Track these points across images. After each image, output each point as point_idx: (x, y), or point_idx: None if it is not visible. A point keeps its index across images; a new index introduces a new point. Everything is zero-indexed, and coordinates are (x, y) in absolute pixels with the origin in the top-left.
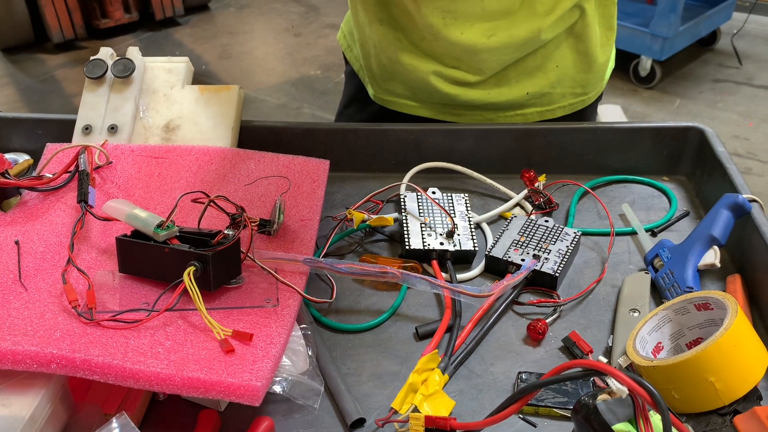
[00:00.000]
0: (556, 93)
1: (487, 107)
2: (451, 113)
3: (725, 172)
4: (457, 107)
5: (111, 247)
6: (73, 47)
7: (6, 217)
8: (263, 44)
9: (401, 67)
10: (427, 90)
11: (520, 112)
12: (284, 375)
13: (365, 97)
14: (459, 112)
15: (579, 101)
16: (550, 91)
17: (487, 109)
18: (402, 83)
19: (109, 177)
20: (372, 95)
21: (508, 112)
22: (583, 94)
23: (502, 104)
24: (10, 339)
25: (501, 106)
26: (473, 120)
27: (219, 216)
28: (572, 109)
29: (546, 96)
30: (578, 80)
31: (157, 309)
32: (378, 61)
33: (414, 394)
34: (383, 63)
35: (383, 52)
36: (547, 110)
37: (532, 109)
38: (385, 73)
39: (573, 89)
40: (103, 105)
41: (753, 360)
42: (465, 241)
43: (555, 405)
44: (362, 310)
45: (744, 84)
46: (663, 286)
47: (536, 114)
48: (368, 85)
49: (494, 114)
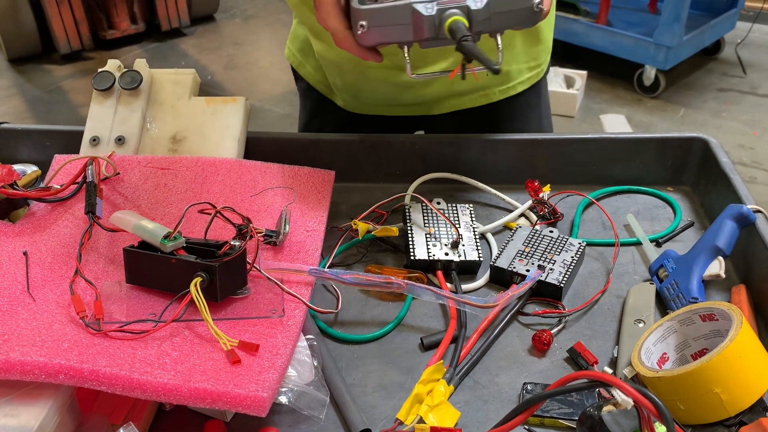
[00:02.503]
0: (513, 70)
1: (453, 94)
2: (421, 108)
3: (729, 182)
4: (425, 102)
5: (118, 257)
6: (80, 58)
7: (14, 228)
8: (269, 54)
9: (368, 82)
10: (396, 95)
11: (483, 93)
12: (290, 386)
13: (329, 108)
14: (428, 104)
15: (534, 74)
16: (507, 69)
17: (452, 97)
18: (371, 92)
19: (116, 188)
20: (342, 105)
21: (473, 95)
22: (536, 67)
23: (467, 90)
24: (19, 350)
25: (465, 92)
26: (442, 109)
27: (225, 227)
28: (530, 83)
29: (504, 75)
30: (530, 54)
31: (164, 320)
32: (342, 78)
33: (419, 405)
34: (348, 80)
35: (349, 72)
36: (509, 87)
37: (494, 88)
38: (351, 87)
39: (528, 63)
40: (111, 116)
41: (758, 371)
42: (470, 252)
43: (560, 416)
44: (367, 321)
45: (748, 93)
46: (668, 296)
47: (499, 92)
48: (335, 97)
49: (460, 99)
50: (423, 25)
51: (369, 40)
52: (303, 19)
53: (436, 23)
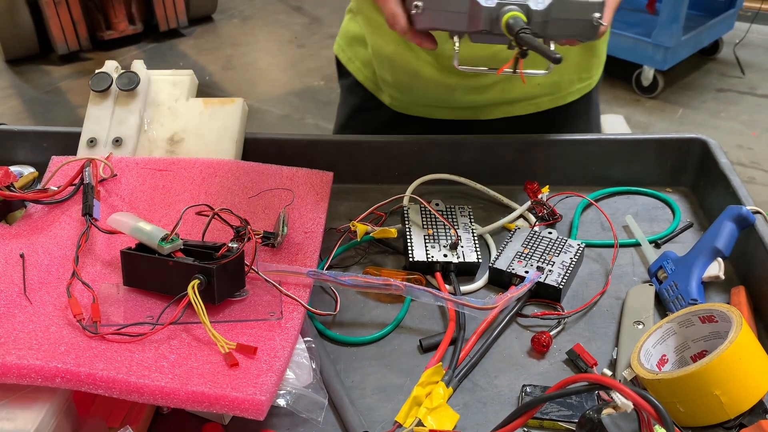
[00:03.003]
0: (564, 80)
1: (503, 102)
2: (469, 112)
3: (729, 183)
4: (475, 107)
5: (115, 260)
6: (78, 59)
7: (11, 230)
8: (267, 55)
9: (421, 82)
10: (446, 96)
11: (533, 102)
12: (288, 388)
13: (373, 106)
14: (477, 109)
15: (586, 85)
16: (559, 80)
17: (502, 104)
18: (421, 92)
19: (113, 190)
20: (388, 103)
21: (523, 103)
22: (588, 78)
23: (517, 98)
24: (15, 353)
25: (516, 100)
26: (491, 115)
27: (223, 228)
28: (580, 93)
29: (555, 84)
30: (583, 66)
31: (161, 322)
32: (394, 75)
33: (418, 408)
34: (399, 78)
35: (402, 69)
36: (558, 97)
37: (544, 98)
38: (402, 85)
39: (579, 75)
40: (108, 118)
41: (758, 373)
42: (468, 253)
43: (560, 418)
44: (366, 323)
45: (747, 93)
46: (667, 298)
47: (548, 101)
48: (382, 94)
49: (509, 107)
50: (479, 16)
51: (422, 23)
52: (361, 8)
53: (493, 17)
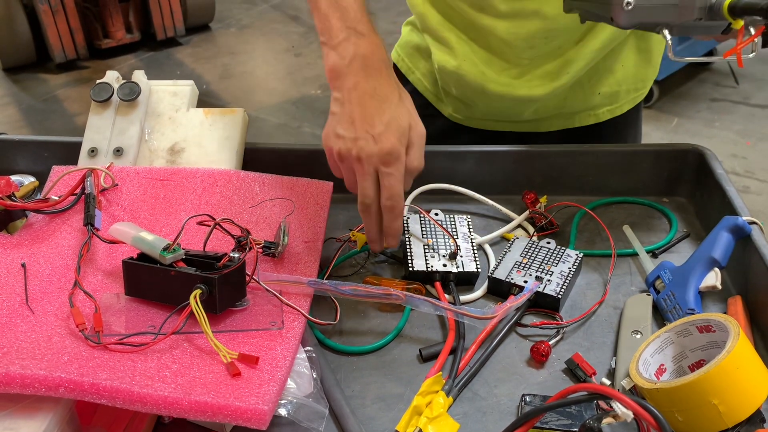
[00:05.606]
0: (623, 90)
1: (564, 113)
2: (530, 124)
3: (725, 193)
4: (536, 119)
5: (117, 269)
6: (75, 67)
7: (12, 240)
8: (264, 64)
9: (486, 96)
10: (511, 110)
11: (592, 113)
12: (289, 398)
13: (431, 114)
14: (538, 122)
15: (640, 94)
16: (618, 90)
17: (563, 116)
18: (485, 106)
19: (114, 199)
20: (448, 114)
21: (582, 114)
22: (642, 88)
23: (579, 109)
24: (19, 363)
25: (576, 110)
26: (551, 127)
27: (224, 238)
28: (634, 103)
29: (614, 95)
30: (639, 76)
31: (163, 332)
32: (460, 89)
33: (418, 417)
34: (464, 92)
35: (466, 85)
36: (616, 107)
37: (603, 108)
38: (466, 98)
39: (635, 85)
40: (109, 128)
41: (756, 382)
42: (468, 263)
43: (559, 428)
44: (366, 332)
45: (741, 103)
46: (665, 307)
47: (607, 112)
48: (444, 105)
49: (569, 119)
50: (693, 7)
51: (631, 19)
52: (427, 26)
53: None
